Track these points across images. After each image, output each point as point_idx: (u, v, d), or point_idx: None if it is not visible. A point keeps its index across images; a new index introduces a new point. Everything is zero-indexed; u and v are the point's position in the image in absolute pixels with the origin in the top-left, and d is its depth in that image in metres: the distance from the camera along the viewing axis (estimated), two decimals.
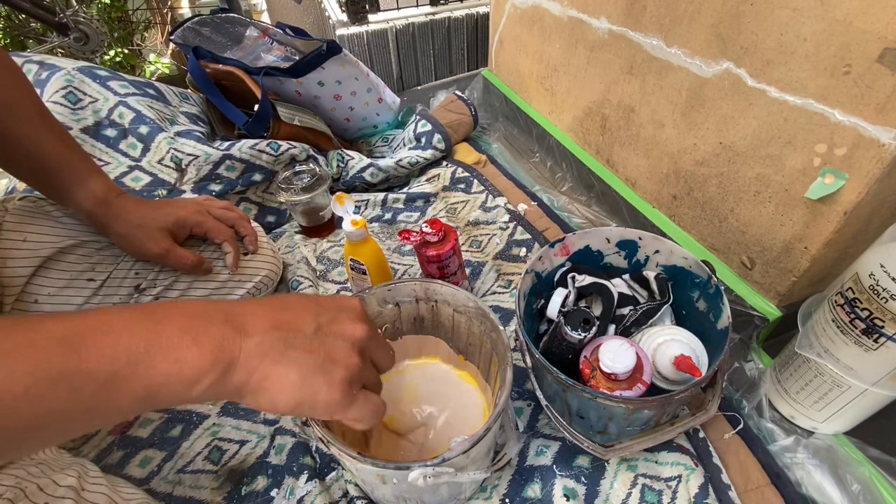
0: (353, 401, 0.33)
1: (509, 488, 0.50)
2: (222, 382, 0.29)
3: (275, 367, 0.31)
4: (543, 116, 1.01)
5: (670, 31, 0.63)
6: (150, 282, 0.60)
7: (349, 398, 0.33)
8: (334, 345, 0.33)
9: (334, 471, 0.52)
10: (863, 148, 0.46)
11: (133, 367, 0.26)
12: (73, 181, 0.53)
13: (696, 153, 0.65)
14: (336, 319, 0.34)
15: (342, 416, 0.34)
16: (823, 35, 0.46)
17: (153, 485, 0.51)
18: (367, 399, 0.35)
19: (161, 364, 0.27)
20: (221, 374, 0.29)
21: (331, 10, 1.29)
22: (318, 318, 0.33)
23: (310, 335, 0.32)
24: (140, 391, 0.27)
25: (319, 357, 0.32)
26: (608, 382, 0.47)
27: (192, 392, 0.28)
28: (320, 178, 0.77)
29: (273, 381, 0.31)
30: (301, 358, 0.31)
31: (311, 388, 0.31)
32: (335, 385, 0.32)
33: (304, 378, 0.31)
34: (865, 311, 0.43)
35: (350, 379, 0.33)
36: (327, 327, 0.34)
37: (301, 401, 0.31)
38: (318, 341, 0.33)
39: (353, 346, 0.34)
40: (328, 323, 0.34)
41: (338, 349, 0.33)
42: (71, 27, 1.62)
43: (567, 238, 0.57)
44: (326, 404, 0.32)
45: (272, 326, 0.31)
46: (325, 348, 0.33)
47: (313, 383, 0.31)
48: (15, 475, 0.37)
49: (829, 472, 0.50)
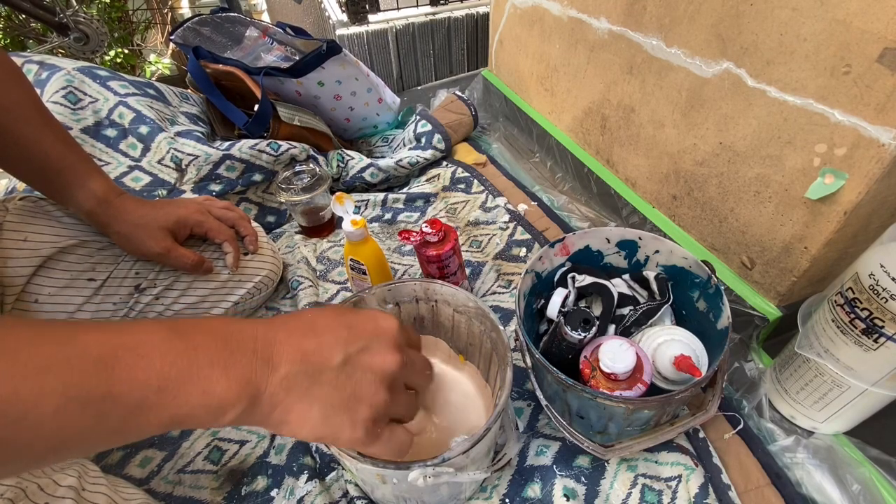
0: (377, 439, 0.33)
1: (509, 488, 0.50)
2: (248, 413, 0.29)
3: (299, 403, 0.30)
4: (543, 116, 1.01)
5: (670, 31, 0.63)
6: (151, 281, 0.60)
7: (372, 437, 0.32)
8: (361, 379, 0.32)
9: (334, 471, 0.52)
10: (863, 148, 0.46)
11: (161, 396, 0.26)
12: (73, 181, 0.54)
13: (696, 153, 0.65)
14: (366, 350, 0.33)
15: (365, 451, 0.33)
16: (823, 35, 0.46)
17: (153, 485, 0.51)
18: (392, 436, 0.34)
19: (189, 394, 0.27)
20: (247, 406, 0.29)
21: (331, 10, 1.29)
22: (347, 349, 0.32)
23: (336, 368, 0.31)
24: (166, 419, 0.27)
25: (345, 394, 0.31)
26: (608, 382, 0.47)
27: (217, 422, 0.28)
28: (320, 178, 0.77)
29: (296, 416, 0.30)
30: (325, 395, 0.31)
31: (333, 426, 0.31)
32: (358, 424, 0.31)
33: (326, 416, 0.31)
34: (865, 311, 0.43)
35: (374, 417, 0.32)
36: (356, 358, 0.32)
37: (323, 436, 0.31)
38: (345, 376, 0.31)
39: (381, 381, 0.32)
40: (357, 353, 0.32)
41: (364, 385, 0.32)
42: (71, 27, 1.61)
43: (567, 238, 0.57)
44: (348, 441, 0.32)
45: (299, 358, 0.31)
46: (351, 383, 0.31)
47: (336, 421, 0.31)
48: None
49: (829, 472, 0.50)
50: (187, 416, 0.27)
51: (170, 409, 0.26)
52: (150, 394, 0.26)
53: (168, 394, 0.26)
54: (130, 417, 0.26)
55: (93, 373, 0.25)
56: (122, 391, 0.25)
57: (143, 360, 0.26)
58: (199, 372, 0.27)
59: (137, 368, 0.26)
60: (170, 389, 0.26)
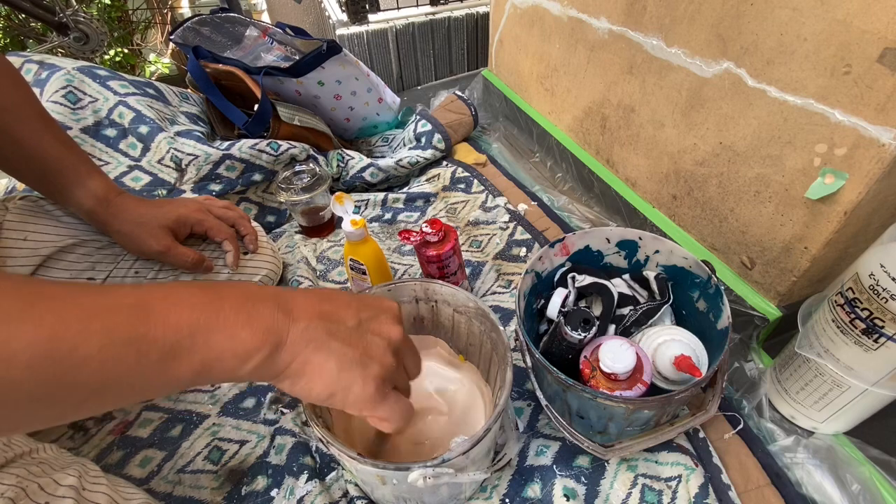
0: (385, 398, 0.34)
1: (509, 488, 0.50)
2: (269, 361, 0.30)
3: (316, 354, 0.32)
4: (543, 116, 1.01)
5: (670, 30, 0.63)
6: (150, 281, 0.60)
7: (381, 395, 0.34)
8: (372, 342, 0.34)
9: (334, 471, 0.52)
10: (863, 148, 0.46)
11: (193, 339, 0.28)
12: (73, 181, 0.54)
13: (696, 153, 0.65)
14: (376, 318, 0.35)
15: (371, 412, 0.34)
16: (823, 35, 0.46)
17: (153, 485, 0.51)
18: (398, 399, 0.35)
19: (218, 339, 0.28)
20: (269, 354, 0.30)
21: (331, 10, 1.29)
22: (359, 314, 0.35)
23: (351, 329, 0.33)
24: (198, 363, 0.28)
25: (358, 351, 0.33)
26: (608, 382, 0.47)
27: (242, 368, 0.30)
28: (320, 178, 0.77)
29: (313, 367, 0.32)
30: (341, 349, 0.32)
31: (346, 380, 0.32)
32: (370, 380, 0.33)
33: (341, 368, 0.32)
34: (865, 311, 0.43)
35: (384, 376, 0.34)
36: (367, 324, 0.35)
37: (335, 391, 0.32)
38: (358, 336, 0.34)
39: (389, 346, 0.35)
40: (368, 320, 0.35)
41: (375, 346, 0.34)
42: (71, 27, 1.61)
43: (567, 238, 0.57)
44: (358, 397, 0.33)
45: (317, 315, 0.33)
46: (363, 343, 0.33)
47: (349, 375, 0.32)
48: (16, 474, 0.37)
49: (829, 472, 0.50)
50: (216, 361, 0.29)
51: (200, 353, 0.28)
52: (183, 337, 0.27)
53: (198, 338, 0.28)
54: (166, 360, 0.27)
55: (131, 317, 0.26)
56: (157, 334, 0.27)
57: (175, 307, 0.28)
58: (226, 319, 0.29)
59: (170, 314, 0.27)
60: (200, 334, 0.28)
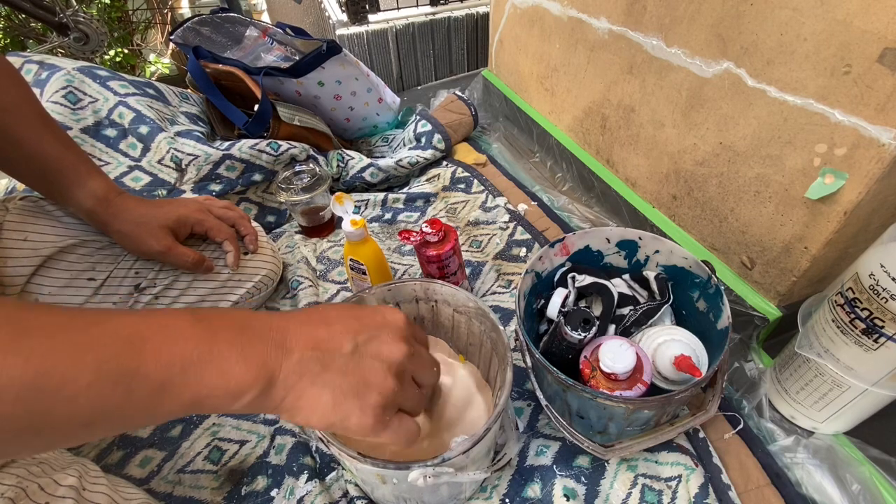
0: (386, 426, 0.33)
1: (509, 488, 0.50)
2: (263, 397, 0.30)
3: (311, 388, 0.31)
4: (543, 116, 1.01)
5: (670, 31, 0.63)
6: (150, 281, 0.60)
7: (381, 423, 0.33)
8: (370, 367, 0.33)
9: (334, 471, 0.52)
10: (863, 148, 0.46)
11: (185, 375, 0.27)
12: (73, 181, 0.54)
13: (696, 153, 0.65)
14: (375, 339, 0.34)
15: (374, 439, 0.34)
16: (823, 35, 0.46)
17: (153, 485, 0.51)
18: (401, 424, 0.34)
19: (210, 375, 0.28)
20: (262, 390, 0.30)
21: (331, 10, 1.29)
22: (356, 338, 0.33)
23: (346, 356, 0.32)
24: (188, 399, 0.28)
25: (354, 380, 0.32)
26: (608, 382, 0.47)
27: (234, 404, 0.29)
28: (320, 178, 0.77)
29: (308, 401, 0.31)
30: (335, 380, 0.32)
31: (343, 412, 0.32)
32: (367, 410, 0.32)
33: (336, 401, 0.31)
34: (865, 311, 0.43)
35: (383, 404, 0.33)
36: (364, 347, 0.33)
37: (333, 423, 0.32)
38: (355, 363, 0.33)
39: (389, 369, 0.33)
40: (366, 342, 0.34)
41: (373, 372, 0.33)
42: (71, 27, 1.61)
43: (567, 238, 0.57)
44: (358, 427, 0.32)
45: (311, 345, 0.32)
46: (360, 370, 0.32)
47: (346, 407, 0.32)
48: (16, 474, 0.37)
49: (829, 472, 0.50)
50: (207, 398, 0.28)
51: (191, 389, 0.28)
52: (175, 374, 0.27)
53: (190, 374, 0.27)
54: (156, 396, 0.27)
55: (123, 351, 0.26)
56: (148, 370, 0.26)
57: (168, 342, 0.28)
58: (219, 355, 0.29)
59: (163, 349, 0.27)
60: (192, 370, 0.28)
